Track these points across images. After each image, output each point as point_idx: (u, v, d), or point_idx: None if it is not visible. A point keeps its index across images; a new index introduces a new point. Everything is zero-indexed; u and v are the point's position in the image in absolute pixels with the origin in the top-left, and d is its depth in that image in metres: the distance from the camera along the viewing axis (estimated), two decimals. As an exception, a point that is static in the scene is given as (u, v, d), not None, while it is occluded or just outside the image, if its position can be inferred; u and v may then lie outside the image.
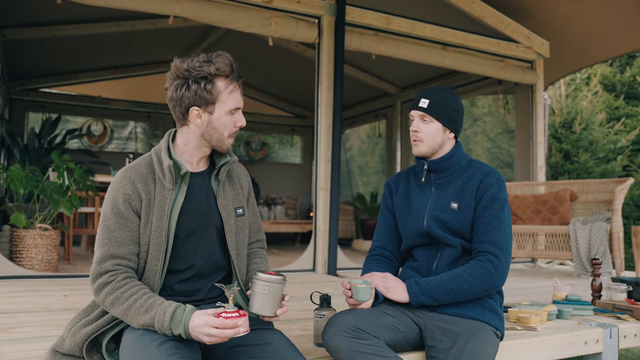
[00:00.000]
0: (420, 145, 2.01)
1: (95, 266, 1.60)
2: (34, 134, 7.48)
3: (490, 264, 1.86)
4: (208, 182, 1.76)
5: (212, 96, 1.64)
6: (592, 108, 9.57)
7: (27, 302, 3.02)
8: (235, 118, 1.70)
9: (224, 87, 1.66)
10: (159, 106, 9.38)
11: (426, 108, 1.97)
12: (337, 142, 4.90)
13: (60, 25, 6.45)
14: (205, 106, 1.66)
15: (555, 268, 5.88)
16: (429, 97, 1.98)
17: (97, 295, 1.59)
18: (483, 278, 1.85)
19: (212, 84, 1.64)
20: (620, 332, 2.53)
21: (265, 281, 1.59)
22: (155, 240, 1.63)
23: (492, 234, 1.89)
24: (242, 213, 1.81)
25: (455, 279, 1.86)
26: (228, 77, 1.66)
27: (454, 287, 1.85)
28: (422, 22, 5.57)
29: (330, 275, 4.73)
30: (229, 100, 1.67)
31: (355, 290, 1.85)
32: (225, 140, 1.71)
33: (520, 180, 6.48)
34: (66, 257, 5.15)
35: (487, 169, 2.00)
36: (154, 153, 1.72)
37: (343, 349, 1.71)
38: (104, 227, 1.63)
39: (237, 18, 4.66)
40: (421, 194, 2.04)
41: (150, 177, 1.67)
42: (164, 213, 1.64)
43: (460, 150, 2.05)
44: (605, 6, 6.08)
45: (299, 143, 10.80)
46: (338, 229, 4.94)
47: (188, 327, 1.48)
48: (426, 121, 1.99)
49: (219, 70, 1.64)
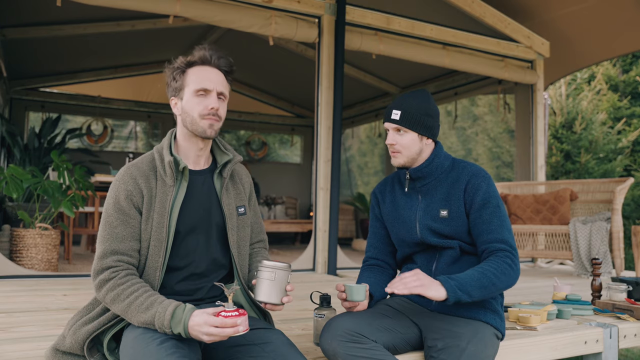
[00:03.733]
0: (399, 156, 1.97)
1: (97, 262, 1.61)
2: (34, 133, 7.48)
3: (509, 259, 1.83)
4: (210, 180, 1.77)
5: (182, 83, 1.72)
6: (593, 108, 9.57)
7: (27, 302, 3.01)
8: (206, 101, 1.70)
9: (193, 73, 1.71)
10: (159, 106, 9.39)
11: (399, 120, 1.93)
12: (337, 142, 4.90)
13: (60, 25, 6.45)
14: (178, 94, 1.73)
15: (555, 268, 5.88)
16: (400, 107, 1.93)
17: (98, 291, 1.60)
18: (507, 273, 1.81)
19: (182, 72, 1.72)
20: (620, 332, 2.53)
21: (271, 267, 1.60)
22: (156, 237, 1.64)
23: (499, 233, 1.87)
24: (243, 212, 1.82)
25: (485, 274, 1.79)
26: (201, 65, 1.72)
27: (486, 281, 1.78)
28: (422, 21, 5.57)
29: (330, 275, 4.73)
30: (195, 82, 1.70)
31: (350, 291, 1.83)
32: (199, 122, 1.70)
33: (520, 180, 6.48)
34: (66, 257, 5.15)
35: (472, 169, 1.96)
36: (156, 151, 1.75)
37: (341, 353, 1.70)
38: (105, 223, 1.64)
39: (237, 18, 4.66)
40: (409, 203, 2.01)
41: (152, 174, 1.69)
42: (165, 209, 1.65)
43: (440, 153, 2.00)
44: (605, 6, 6.08)
45: (299, 143, 10.80)
46: (338, 229, 4.94)
47: (188, 326, 1.48)
48: (401, 133, 1.95)
49: (189, 60, 1.72)
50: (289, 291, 1.63)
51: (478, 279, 1.77)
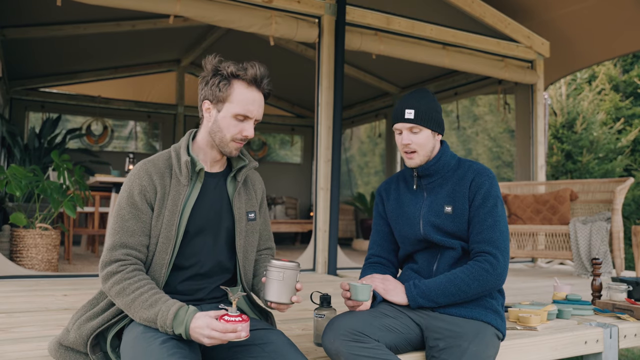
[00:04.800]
0: (416, 156, 1.97)
1: (105, 253, 1.62)
2: (34, 133, 7.48)
3: (488, 264, 1.85)
4: (223, 184, 1.78)
5: (224, 94, 1.66)
6: (593, 108, 9.57)
7: (27, 302, 3.01)
8: (243, 126, 1.69)
9: (239, 90, 1.67)
10: (159, 106, 9.39)
11: (414, 119, 1.92)
12: (337, 142, 4.90)
13: (60, 25, 6.45)
14: (216, 102, 1.68)
15: (555, 268, 5.88)
16: (413, 106, 1.93)
17: (104, 283, 1.61)
18: (481, 279, 1.84)
19: (228, 83, 1.66)
20: (620, 332, 2.53)
21: (279, 267, 1.59)
22: (165, 234, 1.65)
23: (488, 233, 1.88)
24: (253, 218, 1.82)
25: (454, 280, 1.85)
26: (249, 84, 1.67)
27: (453, 289, 1.85)
28: (422, 21, 5.57)
29: (331, 275, 4.73)
30: (239, 104, 1.66)
31: (354, 290, 1.84)
32: (228, 144, 1.70)
33: (520, 179, 6.48)
34: (66, 257, 5.15)
35: (477, 167, 1.98)
36: (173, 149, 1.75)
37: (343, 352, 1.70)
38: (117, 215, 1.65)
39: (238, 17, 4.66)
40: (414, 200, 2.02)
41: (167, 172, 1.70)
42: (177, 208, 1.66)
43: (447, 151, 2.02)
44: (605, 6, 6.08)
45: (299, 143, 10.80)
46: (338, 229, 4.94)
47: (189, 328, 1.48)
48: (416, 132, 1.94)
49: (240, 74, 1.66)
50: (298, 290, 1.63)
51: (445, 287, 1.86)
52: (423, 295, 1.86)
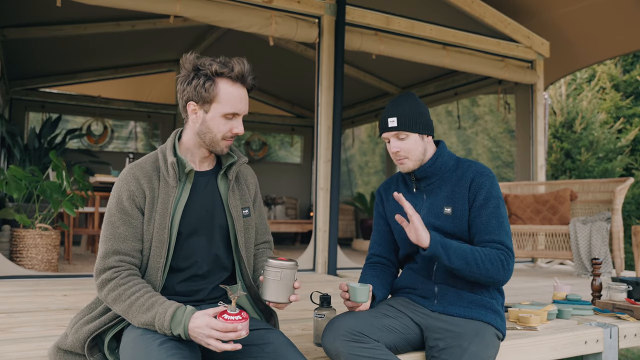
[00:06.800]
0: (407, 162, 1.97)
1: (99, 261, 1.61)
2: (34, 133, 7.48)
3: (503, 255, 1.85)
4: (214, 182, 1.76)
5: (210, 95, 1.63)
6: (593, 108, 9.57)
7: (27, 302, 3.01)
8: (232, 124, 1.67)
9: (225, 89, 1.63)
10: (159, 106, 9.39)
11: (397, 126, 1.93)
12: (337, 142, 4.90)
13: (60, 26, 6.44)
14: (202, 103, 1.65)
15: (555, 268, 5.88)
16: (394, 113, 1.94)
17: (100, 290, 1.60)
18: (495, 265, 1.83)
19: (213, 83, 1.62)
20: (620, 332, 2.53)
21: (276, 267, 1.58)
22: (157, 237, 1.63)
23: (496, 234, 1.88)
24: (247, 214, 1.80)
25: (473, 252, 1.83)
26: (234, 81, 1.65)
27: (470, 257, 1.82)
28: (422, 21, 5.57)
29: (330, 275, 4.73)
30: (227, 104, 1.64)
31: (353, 292, 1.83)
32: (219, 143, 1.69)
33: (520, 179, 6.48)
34: (66, 257, 5.15)
35: (477, 168, 1.97)
36: (159, 151, 1.73)
37: (343, 352, 1.70)
38: (108, 222, 1.65)
39: (237, 18, 4.66)
40: (413, 202, 2.02)
41: (154, 175, 1.68)
42: (167, 210, 1.64)
43: (444, 151, 2.01)
44: (605, 6, 6.08)
45: (299, 143, 10.80)
46: (338, 229, 4.94)
47: (188, 328, 1.47)
48: (402, 138, 1.95)
49: (225, 72, 1.63)
50: (296, 288, 1.61)
51: (464, 252, 1.82)
52: (444, 246, 1.81)
